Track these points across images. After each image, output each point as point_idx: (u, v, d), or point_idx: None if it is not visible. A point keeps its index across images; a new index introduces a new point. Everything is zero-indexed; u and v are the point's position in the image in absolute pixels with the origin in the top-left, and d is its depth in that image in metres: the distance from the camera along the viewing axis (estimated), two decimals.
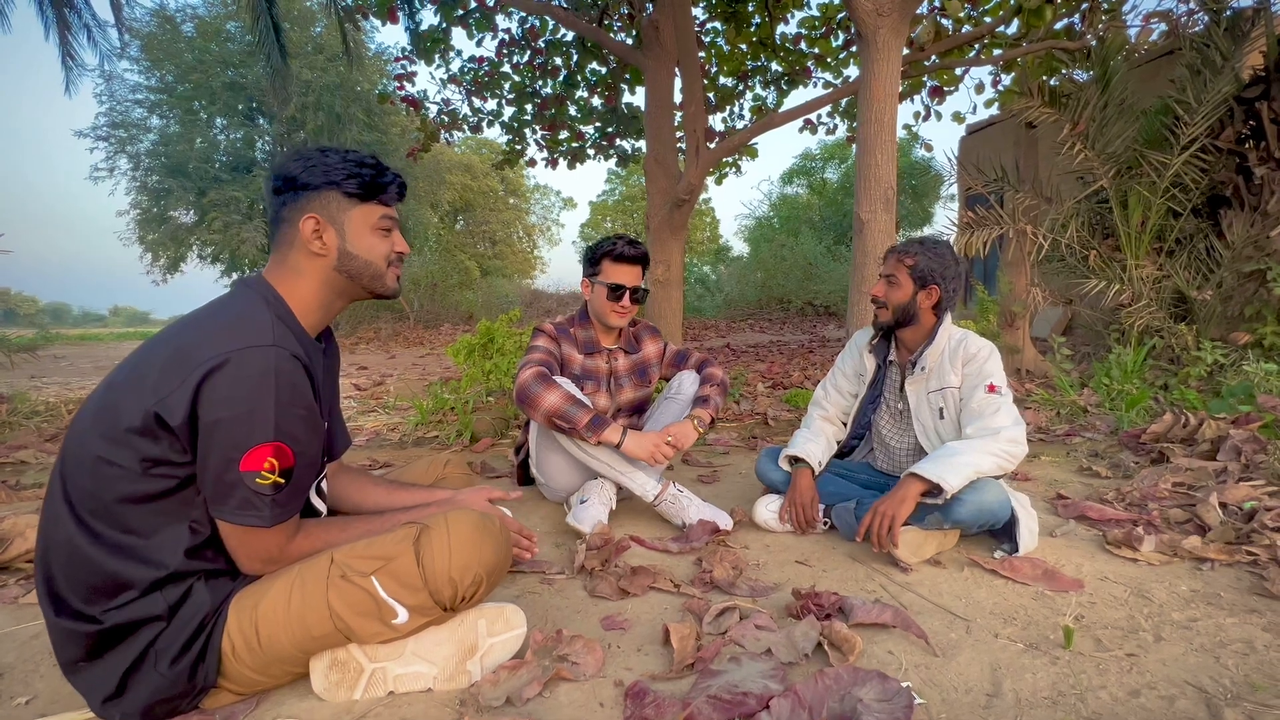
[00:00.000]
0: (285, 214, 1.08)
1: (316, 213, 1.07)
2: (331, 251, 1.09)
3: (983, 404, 1.68)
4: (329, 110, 11.66)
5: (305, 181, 1.07)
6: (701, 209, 24.86)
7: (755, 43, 7.58)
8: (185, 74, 11.79)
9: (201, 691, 0.99)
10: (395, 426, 4.20)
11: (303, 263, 1.09)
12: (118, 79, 11.86)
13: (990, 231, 5.02)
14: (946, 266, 1.79)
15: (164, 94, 12.05)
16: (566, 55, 7.74)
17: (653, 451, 1.77)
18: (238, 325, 0.97)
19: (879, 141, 3.33)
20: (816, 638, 1.20)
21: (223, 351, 0.93)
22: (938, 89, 7.55)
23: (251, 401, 0.93)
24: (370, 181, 1.10)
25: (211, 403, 0.92)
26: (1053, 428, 3.56)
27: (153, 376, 0.93)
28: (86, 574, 0.94)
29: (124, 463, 0.92)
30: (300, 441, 1.00)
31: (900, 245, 1.84)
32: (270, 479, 0.96)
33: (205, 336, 0.96)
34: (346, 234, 1.10)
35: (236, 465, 0.94)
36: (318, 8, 11.79)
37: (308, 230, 1.07)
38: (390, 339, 9.09)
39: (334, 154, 1.09)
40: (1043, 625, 1.32)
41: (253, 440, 0.94)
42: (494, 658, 1.11)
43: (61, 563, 0.94)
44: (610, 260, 1.95)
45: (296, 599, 0.99)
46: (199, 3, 12.38)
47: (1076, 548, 1.76)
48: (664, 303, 5.00)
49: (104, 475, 0.93)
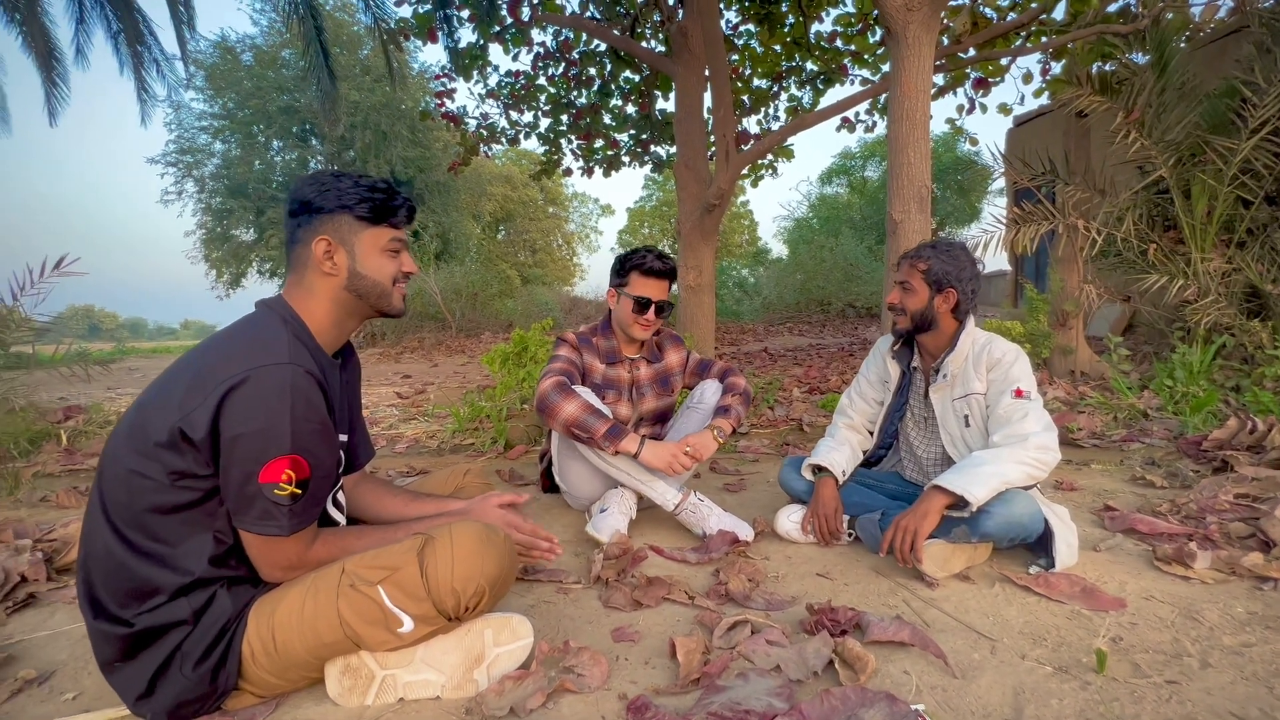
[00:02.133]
0: (300, 235, 1.13)
1: (329, 235, 1.12)
2: (342, 272, 1.14)
3: (1010, 410, 1.61)
4: (375, 129, 12.14)
5: (319, 205, 1.12)
6: (739, 212, 24.65)
7: (789, 43, 7.48)
8: (245, 100, 12.51)
9: (223, 694, 1.04)
10: (434, 434, 4.31)
11: (316, 282, 1.14)
12: (185, 108, 12.67)
13: (1039, 227, 4.80)
14: (963, 268, 1.72)
15: (226, 120, 12.80)
16: (600, 65, 7.83)
17: (670, 462, 1.77)
18: (256, 345, 1.03)
19: (911, 139, 3.24)
20: (828, 655, 1.17)
21: (242, 370, 0.98)
22: (982, 81, 7.27)
23: (269, 417, 0.98)
24: (381, 205, 1.15)
25: (232, 418, 0.97)
26: (1108, 433, 3.37)
27: (178, 394, 0.99)
28: (121, 579, 1.00)
29: (153, 475, 0.98)
30: (316, 454, 1.05)
31: (913, 250, 1.79)
32: (287, 490, 1.01)
33: (226, 356, 1.01)
34: (357, 255, 1.14)
35: (256, 477, 0.99)
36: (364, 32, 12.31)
37: (320, 251, 1.12)
38: (434, 348, 9.36)
39: (347, 178, 1.14)
40: (1076, 647, 1.24)
41: (270, 453, 0.99)
42: (500, 667, 1.12)
43: (99, 569, 1.01)
44: (639, 273, 1.96)
45: (309, 606, 1.03)
46: (257, 33, 13.11)
47: (1122, 564, 1.66)
48: (696, 308, 4.97)
49: (135, 487, 0.99)
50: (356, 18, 12.36)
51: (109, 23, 6.96)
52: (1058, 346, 5.12)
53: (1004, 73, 7.18)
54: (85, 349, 7.56)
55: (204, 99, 12.83)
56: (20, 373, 4.86)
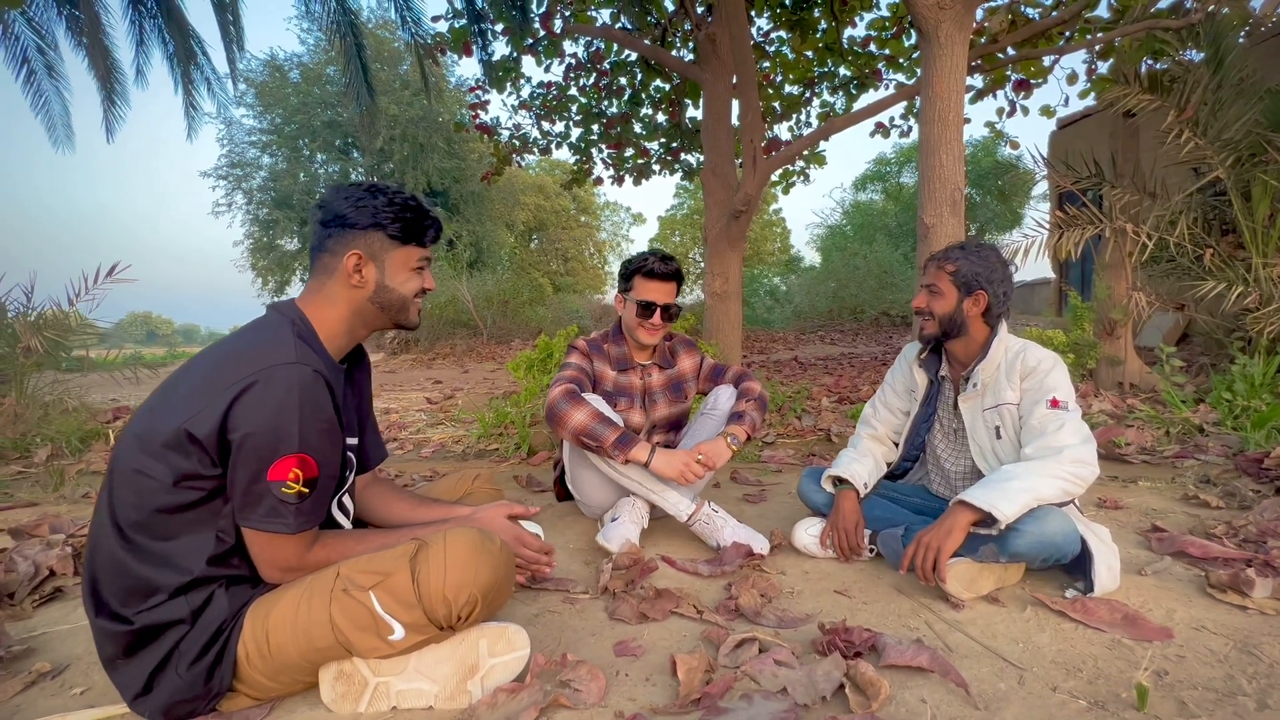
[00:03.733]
0: (330, 246, 1.16)
1: (360, 250, 1.16)
2: (369, 285, 1.18)
3: (1044, 420, 1.51)
4: (413, 141, 12.47)
5: (354, 221, 1.15)
6: (771, 219, 24.41)
7: (822, 48, 7.39)
8: (291, 116, 13.02)
9: (218, 695, 1.03)
10: (460, 439, 4.34)
11: (339, 292, 1.17)
12: (236, 124, 13.26)
13: (1084, 231, 4.59)
14: (993, 270, 1.63)
15: (273, 135, 13.34)
16: (631, 75, 7.88)
17: (682, 470, 1.72)
18: (265, 347, 1.05)
19: (943, 141, 3.13)
20: (840, 678, 1.10)
21: (250, 373, 1.00)
22: (1023, 83, 7.04)
23: (278, 416, 1.00)
24: (413, 225, 1.19)
25: (241, 420, 0.98)
26: (1159, 448, 3.17)
27: (186, 398, 1.01)
28: (123, 578, 1.01)
29: (158, 476, 0.99)
30: (323, 454, 1.06)
31: (940, 252, 1.71)
32: (295, 488, 1.02)
33: (233, 361, 1.03)
34: (385, 271, 1.18)
35: (265, 475, 1.00)
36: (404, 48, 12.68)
37: (350, 265, 1.15)
38: (465, 354, 9.50)
39: (381, 195, 1.17)
40: (1114, 680, 1.15)
41: (280, 451, 1.00)
42: (495, 679, 1.09)
43: (104, 567, 1.02)
44: (642, 276, 1.92)
45: (303, 610, 1.02)
46: (304, 51, 13.65)
47: (1170, 589, 1.53)
48: (722, 315, 4.90)
49: (142, 487, 1.00)
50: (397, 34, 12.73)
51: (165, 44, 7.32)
52: (1105, 357, 4.88)
53: (1046, 74, 6.93)
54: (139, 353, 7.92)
55: (254, 115, 13.40)
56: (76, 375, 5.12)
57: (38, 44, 6.83)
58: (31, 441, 3.79)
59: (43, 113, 7.19)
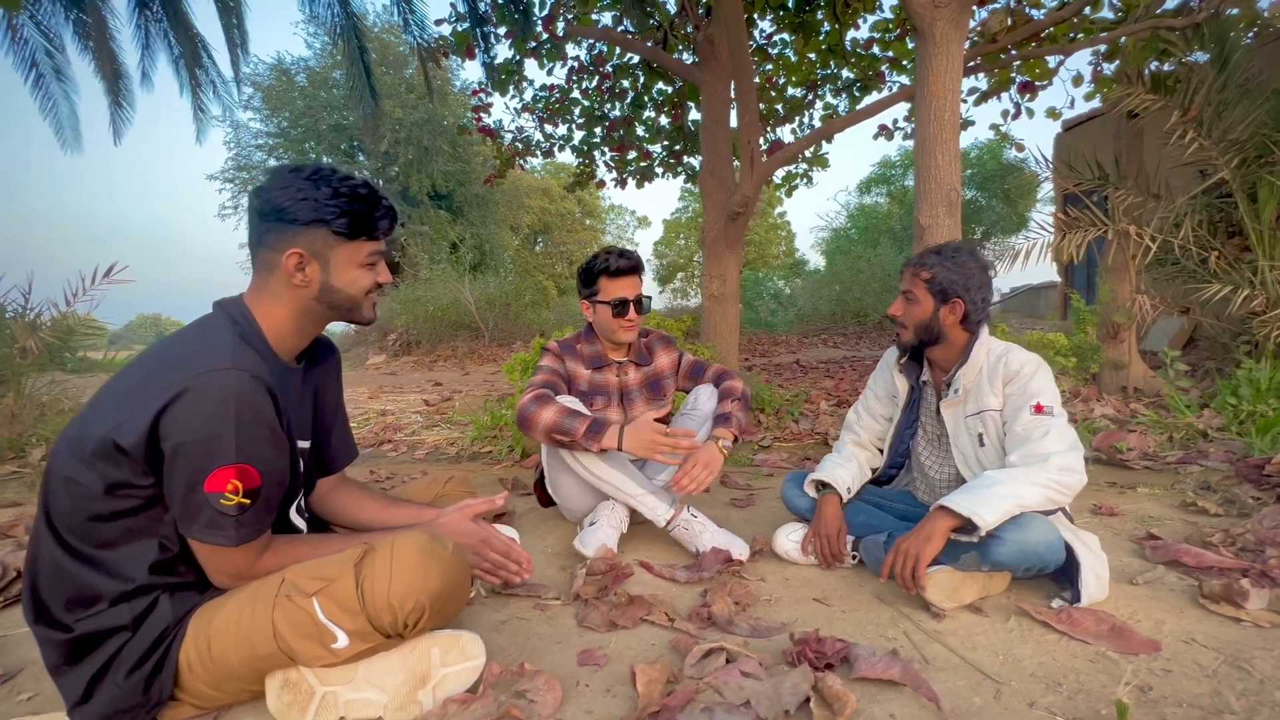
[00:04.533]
0: (269, 241, 1.07)
1: (302, 248, 1.06)
2: (313, 285, 1.09)
3: (1029, 427, 1.46)
4: (418, 145, 12.52)
5: (294, 215, 1.05)
6: (776, 223, 24.34)
7: (825, 50, 7.35)
8: (298, 119, 13.10)
9: (157, 705, 1.00)
10: (454, 441, 4.32)
11: (282, 291, 1.09)
12: (244, 127, 13.36)
13: (1085, 234, 4.52)
14: (970, 276, 1.58)
15: (280, 138, 13.43)
16: (634, 77, 7.87)
17: (651, 445, 1.63)
18: (199, 351, 0.99)
19: (939, 141, 3.08)
20: (806, 691, 1.06)
21: (181, 380, 0.94)
22: (1028, 85, 6.97)
23: (212, 426, 0.94)
24: (361, 218, 1.08)
25: (172, 430, 0.93)
26: (1162, 454, 3.10)
27: (116, 404, 0.96)
28: (63, 585, 0.98)
29: (89, 484, 0.95)
30: (265, 461, 1.00)
31: (916, 257, 1.66)
32: (234, 500, 0.96)
33: (166, 366, 0.98)
34: (331, 269, 1.09)
35: (201, 487, 0.95)
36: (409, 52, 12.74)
37: (290, 265, 1.06)
38: (466, 357, 9.49)
39: (325, 185, 1.06)
40: (1096, 696, 1.10)
41: (215, 463, 0.95)
42: (447, 689, 1.06)
43: (44, 572, 0.99)
44: (606, 277, 1.88)
45: (246, 616, 0.99)
46: (310, 55, 13.75)
47: (1161, 600, 1.48)
48: (720, 318, 4.86)
49: (75, 494, 0.96)
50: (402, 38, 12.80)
51: (170, 47, 7.38)
52: (1108, 361, 4.80)
53: (1052, 75, 6.86)
54: None
55: (260, 118, 13.50)
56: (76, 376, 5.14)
57: (46, 47, 6.89)
58: (27, 441, 3.80)
59: (51, 115, 7.26)
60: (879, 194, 17.34)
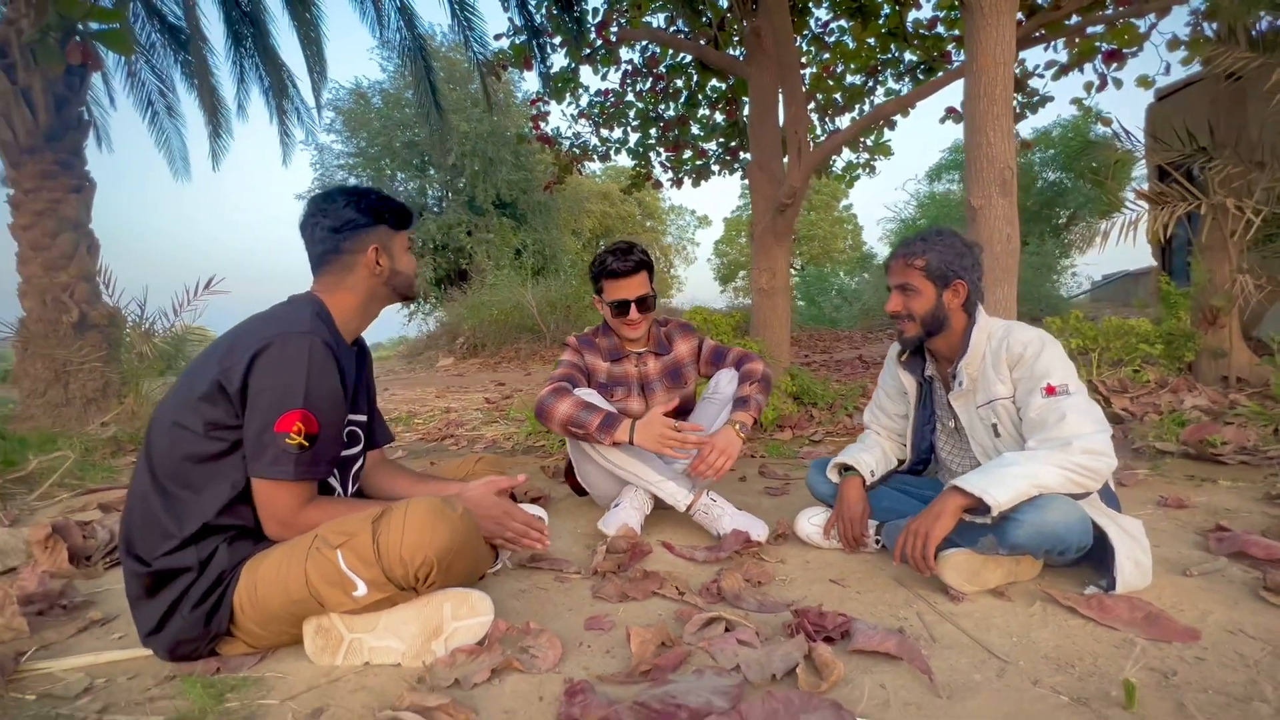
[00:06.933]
0: (346, 247, 1.32)
1: (377, 243, 1.33)
2: (386, 271, 1.35)
3: (1043, 411, 1.38)
4: (483, 156, 13.06)
5: (364, 220, 1.32)
6: (841, 216, 23.54)
7: (885, 34, 7.10)
8: (374, 138, 13.99)
9: (215, 637, 1.16)
10: (510, 436, 4.50)
11: (360, 282, 1.33)
12: (327, 149, 14.41)
13: (1174, 209, 4.15)
14: (963, 255, 1.52)
15: (359, 157, 14.38)
16: (687, 76, 7.90)
17: (660, 440, 1.67)
18: (281, 318, 1.22)
19: (990, 116, 2.93)
20: (797, 659, 1.07)
21: (268, 335, 1.16)
22: (1115, 53, 6.44)
23: (288, 375, 1.14)
24: (403, 213, 1.39)
25: (258, 375, 1.14)
26: (1263, 448, 2.81)
27: (220, 357, 1.17)
28: (149, 523, 1.16)
29: (192, 426, 1.15)
30: (325, 413, 1.18)
31: (901, 248, 1.60)
32: (297, 440, 1.14)
33: (258, 327, 1.20)
34: (394, 256, 1.37)
35: (272, 426, 1.13)
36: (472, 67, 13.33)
37: (373, 257, 1.32)
38: (529, 357, 9.81)
39: (373, 194, 1.36)
40: (1107, 678, 1.04)
41: (285, 406, 1.13)
42: (457, 641, 1.15)
43: (136, 510, 1.18)
44: (606, 279, 1.92)
45: (285, 565, 1.12)
46: (385, 78, 14.65)
47: (1214, 591, 1.37)
48: (769, 312, 4.80)
49: (177, 437, 1.16)
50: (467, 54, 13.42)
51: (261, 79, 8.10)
52: (1206, 348, 4.37)
53: (1142, 40, 6.31)
54: None
55: (341, 140, 14.51)
56: None
57: (159, 87, 7.76)
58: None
59: (164, 148, 8.16)
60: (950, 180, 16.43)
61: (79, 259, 4.84)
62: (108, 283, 4.89)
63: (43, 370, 4.68)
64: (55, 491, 2.68)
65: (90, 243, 4.98)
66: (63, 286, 4.75)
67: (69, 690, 1.11)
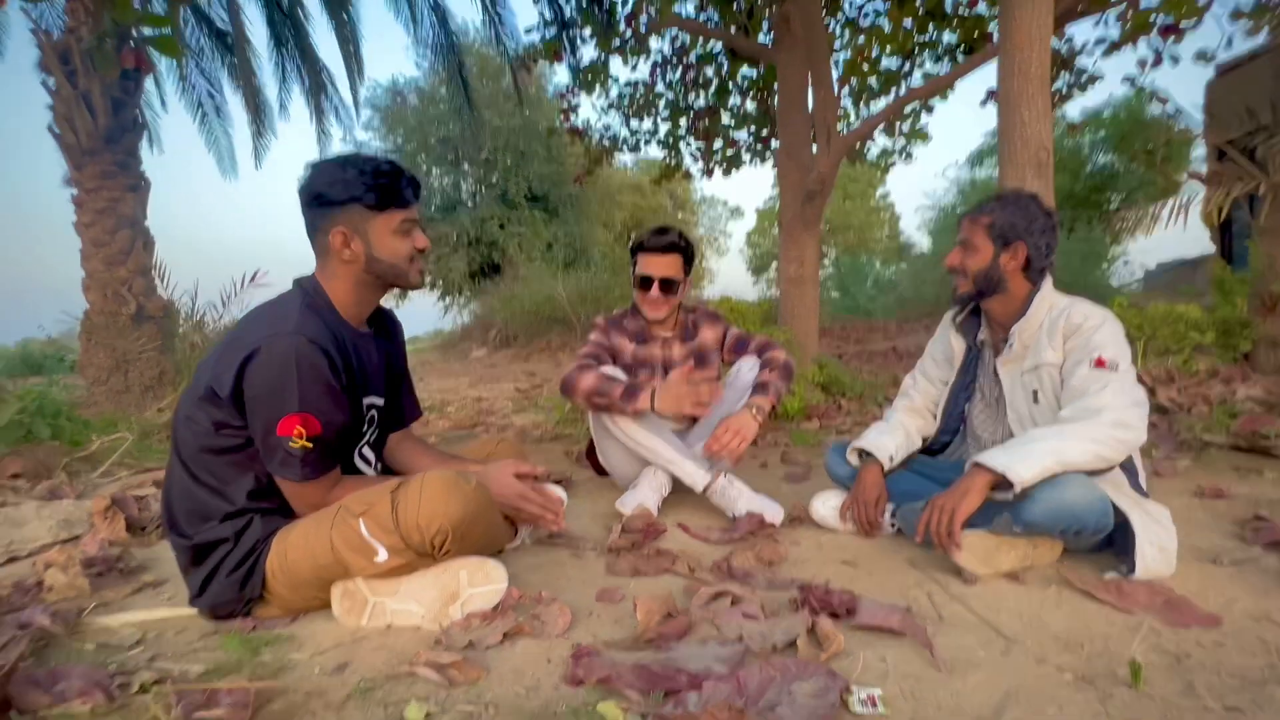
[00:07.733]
0: (318, 225, 1.24)
1: (344, 226, 1.21)
2: (360, 258, 1.24)
3: (1086, 380, 1.36)
4: (515, 150, 13.21)
5: (331, 197, 1.20)
6: (878, 205, 22.97)
7: (922, 15, 6.89)
8: (410, 135, 14.30)
9: (250, 601, 1.24)
10: (539, 424, 4.59)
11: (337, 268, 1.25)
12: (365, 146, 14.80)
13: (1230, 189, 3.94)
14: (1033, 220, 1.50)
15: (395, 153, 14.73)
16: (718, 65, 7.82)
17: (678, 398, 1.68)
18: (271, 319, 1.19)
19: (1025, 95, 2.84)
20: (798, 631, 1.09)
21: (254, 341, 1.14)
22: (1171, 27, 6.10)
23: (278, 380, 1.13)
24: (387, 190, 1.22)
25: (249, 382, 1.14)
26: None
27: (213, 361, 1.21)
28: (187, 503, 1.24)
29: (201, 422, 1.20)
30: (324, 412, 1.18)
31: (975, 206, 1.59)
32: (299, 443, 1.16)
33: (246, 330, 1.19)
34: (371, 241, 1.23)
35: (274, 431, 1.15)
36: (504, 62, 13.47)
37: (337, 242, 1.22)
38: (560, 349, 9.93)
39: (352, 168, 1.20)
40: (1116, 658, 1.03)
41: (282, 411, 1.14)
42: (473, 606, 1.21)
43: (173, 492, 1.26)
44: (641, 252, 1.95)
45: (312, 533, 1.19)
46: (419, 76, 14.94)
47: (1244, 580, 1.33)
48: (797, 301, 4.76)
49: (191, 430, 1.22)
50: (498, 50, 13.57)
51: (302, 79, 8.37)
52: (1264, 337, 4.15)
53: (1201, 13, 5.96)
54: None
55: (379, 137, 14.88)
56: None
57: (208, 89, 8.11)
58: None
59: (213, 148, 8.53)
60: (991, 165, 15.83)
61: (136, 254, 5.13)
62: (163, 277, 5.18)
63: (105, 359, 4.98)
64: (115, 470, 2.88)
65: (146, 239, 5.26)
66: (121, 280, 5.04)
67: (123, 641, 1.21)
